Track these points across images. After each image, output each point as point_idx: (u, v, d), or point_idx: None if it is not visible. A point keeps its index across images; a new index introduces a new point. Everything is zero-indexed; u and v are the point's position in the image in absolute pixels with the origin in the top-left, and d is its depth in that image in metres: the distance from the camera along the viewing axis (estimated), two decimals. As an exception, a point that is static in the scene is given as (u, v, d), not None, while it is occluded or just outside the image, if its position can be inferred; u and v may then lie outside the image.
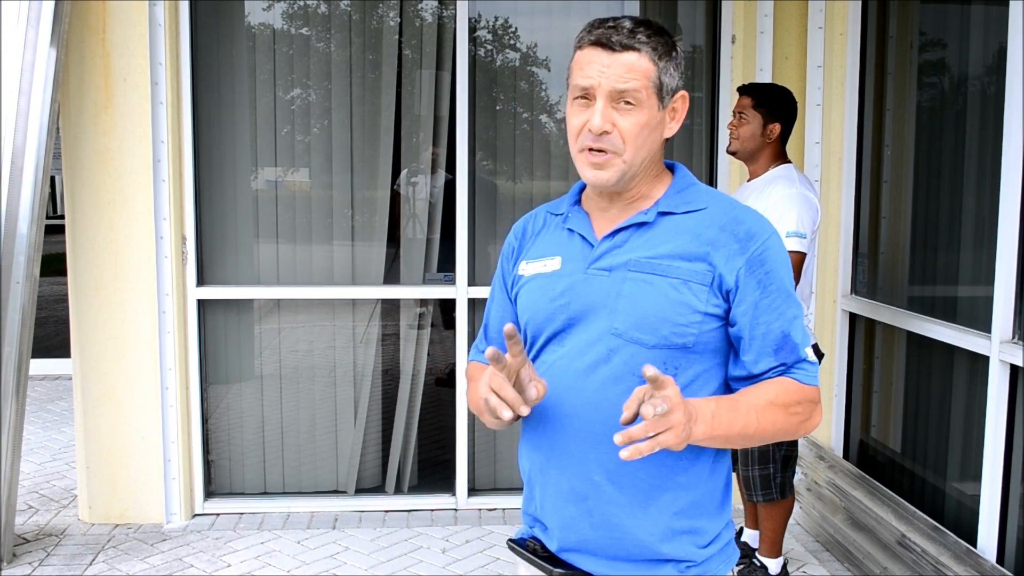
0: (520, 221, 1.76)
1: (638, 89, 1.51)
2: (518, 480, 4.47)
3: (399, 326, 4.57)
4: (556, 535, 1.61)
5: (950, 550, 3.12)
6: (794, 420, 1.53)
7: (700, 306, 1.52)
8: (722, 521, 1.63)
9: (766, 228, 1.57)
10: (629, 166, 1.54)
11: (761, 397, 1.51)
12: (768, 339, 1.53)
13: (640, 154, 1.55)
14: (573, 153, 1.58)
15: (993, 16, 3.18)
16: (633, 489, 1.54)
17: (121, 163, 4.01)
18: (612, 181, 1.55)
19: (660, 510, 1.55)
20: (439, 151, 4.41)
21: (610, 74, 1.50)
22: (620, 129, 1.52)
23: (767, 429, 1.50)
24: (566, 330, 1.58)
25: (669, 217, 1.58)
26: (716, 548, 1.61)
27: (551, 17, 4.49)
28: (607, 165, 1.54)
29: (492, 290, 1.79)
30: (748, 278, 1.53)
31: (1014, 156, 2.92)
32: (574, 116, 1.56)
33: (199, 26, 4.19)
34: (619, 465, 1.51)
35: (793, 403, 1.53)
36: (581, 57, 1.55)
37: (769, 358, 1.54)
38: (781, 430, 1.53)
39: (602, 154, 1.53)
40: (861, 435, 4.16)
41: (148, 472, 4.15)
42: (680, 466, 1.55)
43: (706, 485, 1.58)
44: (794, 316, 1.56)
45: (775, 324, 1.54)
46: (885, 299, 3.93)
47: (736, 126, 3.45)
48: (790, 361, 1.55)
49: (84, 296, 4.06)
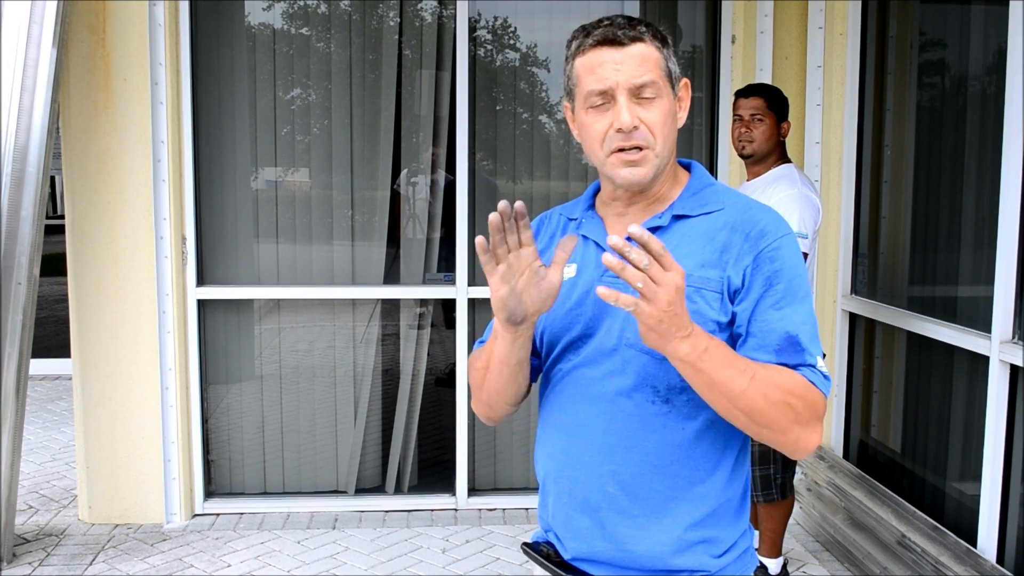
0: (535, 220, 1.72)
1: (655, 80, 1.48)
2: (518, 480, 4.52)
3: (399, 326, 4.57)
4: (568, 545, 1.58)
5: (950, 550, 3.12)
6: (789, 412, 1.39)
7: (713, 315, 1.46)
8: (739, 529, 1.57)
9: (781, 228, 1.50)
10: (661, 159, 1.51)
11: (764, 368, 1.41)
12: (769, 337, 1.44)
13: (667, 145, 1.51)
14: (599, 160, 1.52)
15: (993, 16, 3.18)
16: (648, 501, 1.50)
17: (121, 163, 4.01)
18: (649, 177, 1.50)
19: (675, 522, 1.50)
20: (439, 151, 4.41)
21: (625, 70, 1.46)
22: (647, 123, 1.48)
23: (755, 401, 1.37)
24: (582, 339, 1.54)
25: (684, 221, 1.54)
26: (732, 557, 1.56)
27: (551, 17, 4.49)
28: (642, 162, 1.49)
29: None
30: (755, 274, 1.46)
31: (1014, 156, 2.92)
32: (593, 123, 1.50)
33: (199, 26, 4.19)
34: (633, 476, 1.49)
35: (796, 394, 1.40)
36: (587, 61, 1.49)
37: (768, 355, 1.43)
38: (770, 413, 1.39)
39: (636, 151, 1.48)
40: (861, 435, 4.16)
41: (148, 472, 4.15)
42: (697, 477, 1.50)
43: (723, 495, 1.53)
44: (802, 321, 1.45)
45: (778, 324, 1.44)
46: (885, 299, 3.93)
47: (751, 128, 3.39)
48: (792, 363, 1.43)
49: (84, 296, 4.06)
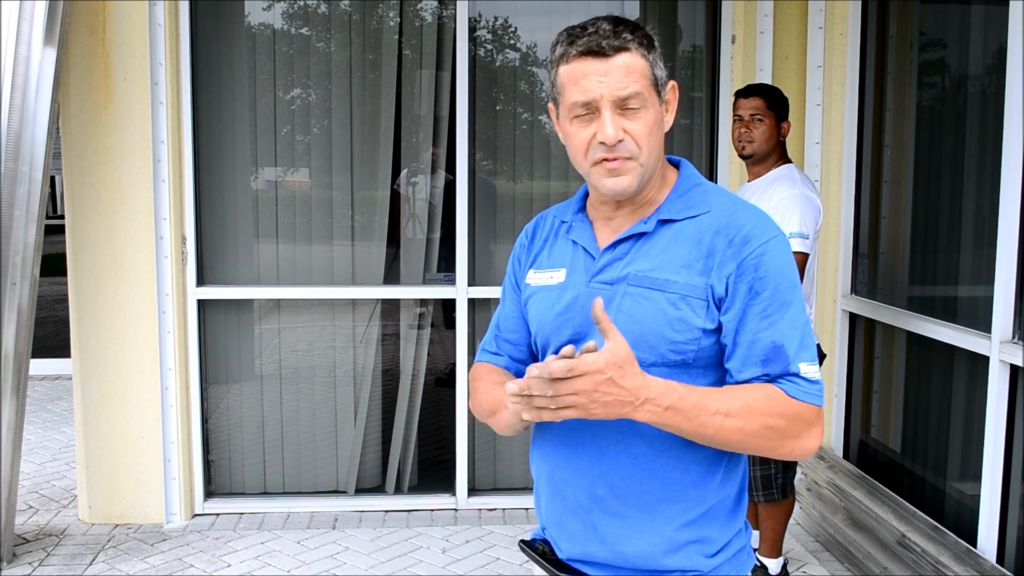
0: (532, 221, 1.73)
1: (640, 91, 1.46)
2: (518, 480, 4.52)
3: (399, 326, 4.57)
4: (563, 546, 1.59)
5: (950, 550, 3.12)
6: (771, 435, 1.41)
7: (698, 322, 1.46)
8: (733, 529, 1.56)
9: (767, 232, 1.48)
10: (646, 169, 1.50)
11: (739, 397, 1.41)
12: (755, 348, 1.44)
13: (654, 154, 1.50)
14: (584, 170, 1.52)
15: (993, 16, 3.18)
16: (639, 503, 1.50)
17: (121, 163, 4.01)
18: (633, 187, 1.50)
19: (666, 522, 1.50)
20: (439, 151, 4.41)
21: (609, 82, 1.45)
22: (631, 134, 1.47)
23: (731, 436, 1.39)
24: (572, 343, 1.51)
25: (670, 225, 1.52)
26: (726, 556, 1.54)
27: (551, 17, 4.49)
28: (625, 171, 1.48)
29: (503, 288, 1.76)
30: (738, 283, 1.45)
31: (1014, 156, 2.92)
32: (576, 133, 1.49)
33: (199, 26, 4.19)
34: (624, 479, 1.49)
35: (775, 413, 1.41)
36: (571, 72, 1.48)
37: (754, 367, 1.44)
38: (750, 442, 1.41)
39: (618, 161, 1.48)
40: (861, 435, 4.16)
41: (148, 472, 4.15)
42: (688, 480, 1.50)
43: (716, 496, 1.52)
44: (789, 328, 1.45)
45: (764, 334, 1.44)
46: (885, 299, 3.93)
47: (750, 128, 3.38)
48: (777, 373, 1.44)
49: (84, 296, 4.06)
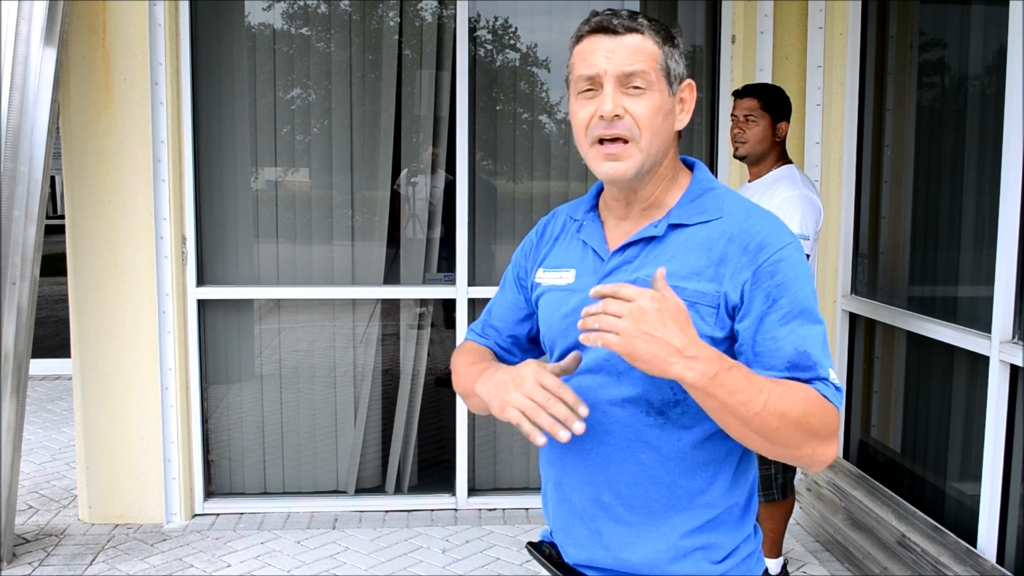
0: (542, 220, 1.71)
1: (646, 71, 1.43)
2: (518, 480, 4.52)
3: (399, 326, 4.57)
4: (568, 551, 1.58)
5: (950, 550, 3.12)
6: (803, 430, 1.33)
7: (706, 330, 1.41)
8: (741, 534, 1.53)
9: (782, 238, 1.43)
10: (646, 155, 1.45)
11: (779, 386, 1.34)
12: (777, 355, 1.38)
13: (656, 141, 1.45)
14: (584, 150, 1.48)
15: (993, 16, 3.18)
16: (644, 510, 1.48)
17: (121, 163, 4.01)
18: (631, 173, 1.45)
19: (672, 529, 1.48)
20: (439, 151, 4.41)
21: (615, 58, 1.43)
22: (633, 114, 1.42)
23: (769, 421, 1.30)
24: (579, 347, 1.49)
25: (680, 230, 1.48)
26: (734, 562, 1.51)
27: (551, 17, 4.49)
28: (623, 155, 1.44)
29: (504, 277, 1.74)
30: (755, 291, 1.40)
31: (1014, 156, 2.92)
32: (580, 110, 1.46)
33: (199, 26, 4.19)
34: (630, 487, 1.48)
35: (811, 412, 1.33)
36: (582, 48, 1.47)
37: (778, 374, 1.37)
38: (785, 432, 1.32)
39: (617, 143, 1.43)
40: (861, 435, 4.16)
41: (148, 472, 4.15)
42: (695, 487, 1.47)
43: (725, 502, 1.49)
44: (811, 333, 1.39)
45: (785, 341, 1.38)
46: (885, 299, 3.93)
47: (744, 129, 3.38)
48: (805, 378, 1.37)
49: (84, 296, 4.06)
